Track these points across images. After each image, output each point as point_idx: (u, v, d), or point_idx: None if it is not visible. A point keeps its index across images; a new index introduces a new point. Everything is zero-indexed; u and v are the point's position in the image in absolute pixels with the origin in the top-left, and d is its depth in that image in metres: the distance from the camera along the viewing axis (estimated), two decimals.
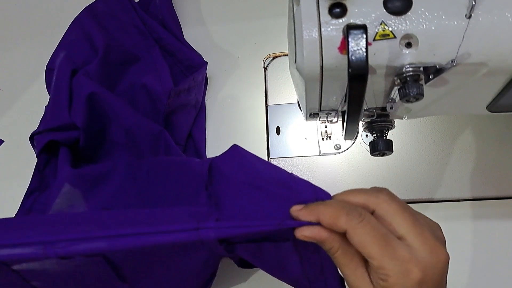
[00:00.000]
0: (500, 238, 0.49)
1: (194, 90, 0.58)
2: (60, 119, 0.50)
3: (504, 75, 0.32)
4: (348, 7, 0.30)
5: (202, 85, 0.60)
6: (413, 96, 0.30)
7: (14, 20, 0.68)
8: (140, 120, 0.52)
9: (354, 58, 0.28)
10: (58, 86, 0.53)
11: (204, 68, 0.58)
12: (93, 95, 0.51)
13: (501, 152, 0.53)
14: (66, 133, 0.50)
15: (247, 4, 0.65)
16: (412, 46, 0.30)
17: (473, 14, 0.29)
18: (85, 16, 0.60)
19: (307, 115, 0.40)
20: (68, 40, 0.60)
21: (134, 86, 0.56)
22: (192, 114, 0.59)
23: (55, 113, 0.51)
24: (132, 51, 0.59)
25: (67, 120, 0.50)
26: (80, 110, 0.50)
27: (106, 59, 0.56)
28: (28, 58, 0.65)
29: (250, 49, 0.61)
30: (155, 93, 0.55)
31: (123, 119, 0.52)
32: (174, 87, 0.54)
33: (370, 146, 0.40)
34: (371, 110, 0.38)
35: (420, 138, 0.53)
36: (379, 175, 0.53)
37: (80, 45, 0.59)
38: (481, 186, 0.51)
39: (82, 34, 0.59)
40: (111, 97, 0.52)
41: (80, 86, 0.52)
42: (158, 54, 0.58)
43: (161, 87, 0.55)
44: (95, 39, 0.57)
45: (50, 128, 0.50)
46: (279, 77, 0.59)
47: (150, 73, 0.57)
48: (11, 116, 0.62)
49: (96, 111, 0.52)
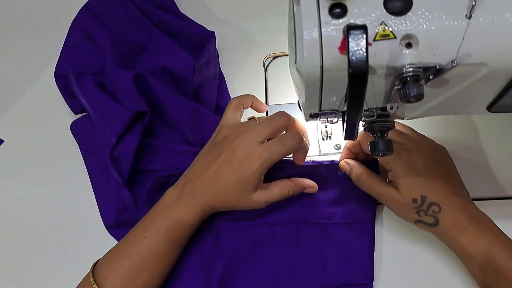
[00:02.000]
0: None
1: (211, 62, 0.58)
2: (121, 118, 0.50)
3: (504, 75, 0.32)
4: (348, 7, 0.30)
5: (215, 55, 0.60)
6: (413, 96, 0.30)
7: (14, 20, 0.68)
8: (179, 100, 0.53)
9: (354, 58, 0.28)
10: (95, 100, 0.53)
11: (212, 38, 0.58)
12: (137, 77, 0.52)
13: (501, 152, 0.53)
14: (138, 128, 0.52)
15: (247, 4, 0.65)
16: (412, 46, 0.30)
17: (473, 14, 0.29)
18: (83, 17, 0.59)
19: (307, 115, 0.40)
20: (72, 43, 0.60)
21: (153, 72, 0.56)
22: (215, 86, 0.59)
23: (114, 117, 0.51)
24: (137, 42, 0.58)
25: (129, 114, 0.50)
26: (134, 93, 0.51)
27: (116, 53, 0.56)
28: (28, 58, 0.65)
29: (250, 49, 0.61)
30: (177, 73, 0.55)
31: (166, 100, 0.53)
32: (194, 62, 0.54)
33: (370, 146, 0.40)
34: (371, 110, 0.38)
35: None
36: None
37: (86, 46, 0.59)
38: (481, 186, 0.51)
39: (84, 35, 0.59)
40: (150, 78, 0.53)
41: (119, 77, 0.53)
42: (163, 38, 0.58)
43: (180, 65, 0.55)
44: (98, 37, 0.57)
45: (120, 132, 0.50)
46: (279, 77, 0.59)
47: (163, 56, 0.57)
48: (11, 116, 0.62)
49: (143, 94, 0.53)
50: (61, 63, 0.59)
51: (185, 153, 0.53)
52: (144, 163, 0.53)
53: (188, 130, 0.54)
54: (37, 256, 0.54)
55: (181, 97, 0.53)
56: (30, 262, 0.54)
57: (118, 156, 0.51)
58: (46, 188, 0.57)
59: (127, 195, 0.51)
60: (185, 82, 0.55)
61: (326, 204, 0.51)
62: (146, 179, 0.52)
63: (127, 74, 0.52)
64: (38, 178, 0.58)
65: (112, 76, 0.54)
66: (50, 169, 0.58)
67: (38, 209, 0.56)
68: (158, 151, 0.53)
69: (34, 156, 0.59)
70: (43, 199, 0.56)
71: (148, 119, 0.52)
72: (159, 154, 0.53)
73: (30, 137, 0.60)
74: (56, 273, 0.53)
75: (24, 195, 0.57)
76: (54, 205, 0.56)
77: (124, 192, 0.51)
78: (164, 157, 0.53)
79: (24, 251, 0.54)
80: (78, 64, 0.58)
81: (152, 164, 0.53)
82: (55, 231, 0.55)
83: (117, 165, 0.51)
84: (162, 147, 0.53)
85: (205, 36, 0.58)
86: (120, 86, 0.53)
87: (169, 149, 0.53)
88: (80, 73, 0.56)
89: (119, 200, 0.52)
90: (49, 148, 0.59)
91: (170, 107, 0.53)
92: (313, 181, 0.50)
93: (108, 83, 0.54)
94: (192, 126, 0.53)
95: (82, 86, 0.54)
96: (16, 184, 0.58)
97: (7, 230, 0.56)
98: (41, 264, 0.53)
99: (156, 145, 0.53)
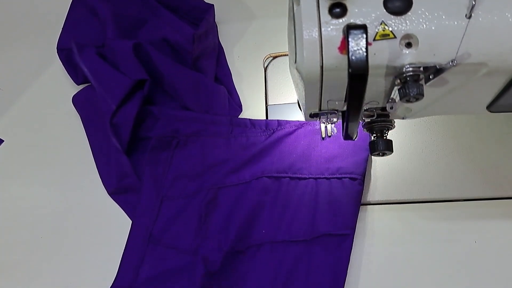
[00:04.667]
0: (500, 238, 0.49)
1: (211, 33, 0.59)
2: (122, 86, 0.51)
3: (504, 75, 0.32)
4: (348, 7, 0.30)
5: (214, 27, 0.61)
6: (413, 96, 0.30)
7: (13, 20, 0.68)
8: (179, 69, 0.54)
9: (354, 58, 0.28)
10: (97, 69, 0.54)
11: (212, 10, 0.59)
12: (137, 46, 0.53)
13: (501, 152, 0.53)
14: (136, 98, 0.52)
15: (247, 4, 0.65)
16: (412, 46, 0.30)
17: (473, 14, 0.29)
18: None
19: (307, 115, 0.40)
20: (74, 18, 0.61)
21: (153, 43, 0.57)
22: (214, 57, 0.59)
23: (115, 85, 0.52)
24: (137, 16, 0.59)
25: (129, 82, 0.51)
26: (134, 62, 0.52)
27: (117, 26, 0.57)
28: (28, 58, 0.65)
29: (250, 49, 0.61)
30: (177, 43, 0.56)
31: (165, 69, 0.54)
32: (194, 31, 0.54)
33: (370, 146, 0.40)
34: (371, 110, 0.38)
35: (420, 138, 0.53)
36: (379, 175, 0.53)
37: (88, 20, 0.60)
38: (481, 186, 0.51)
39: (86, 9, 0.60)
40: (150, 48, 0.54)
41: (120, 47, 0.54)
42: (163, 11, 0.59)
43: (180, 36, 0.56)
44: (100, 11, 0.58)
45: (120, 99, 0.51)
46: (279, 77, 0.59)
47: (163, 29, 0.58)
48: (11, 116, 0.62)
49: (143, 63, 0.54)
50: (63, 37, 0.61)
51: (185, 118, 0.54)
52: (144, 130, 0.54)
53: (188, 98, 0.55)
54: (37, 256, 0.54)
55: (181, 67, 0.54)
56: (30, 262, 0.54)
57: (118, 123, 0.52)
58: (46, 188, 0.57)
59: (126, 162, 0.52)
60: (185, 52, 0.56)
61: (320, 161, 0.52)
62: (146, 146, 0.54)
63: (127, 44, 0.53)
64: (38, 178, 0.58)
65: (112, 46, 0.54)
66: (50, 169, 0.58)
67: (38, 209, 0.56)
68: (158, 118, 0.55)
69: (34, 156, 0.59)
70: (43, 199, 0.56)
71: (148, 88, 0.53)
72: (159, 121, 0.55)
73: (30, 137, 0.60)
74: (56, 273, 0.53)
75: (24, 195, 0.57)
76: (54, 205, 0.56)
77: (124, 159, 0.52)
78: (164, 123, 0.54)
79: (24, 251, 0.54)
80: (80, 38, 0.59)
81: (152, 131, 0.54)
82: (55, 231, 0.55)
83: (117, 132, 0.52)
84: (161, 114, 0.55)
85: (204, 9, 0.59)
86: (120, 55, 0.54)
87: (169, 115, 0.54)
88: (82, 45, 0.56)
89: (119, 166, 0.53)
90: (49, 148, 0.59)
91: (170, 76, 0.54)
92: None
93: (108, 53, 0.55)
94: (192, 94, 0.55)
95: (84, 56, 0.55)
96: (16, 184, 0.58)
97: (7, 230, 0.56)
98: (41, 264, 0.53)
99: (155, 113, 0.55)
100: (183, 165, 0.54)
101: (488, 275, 0.48)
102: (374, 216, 0.52)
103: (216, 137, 0.55)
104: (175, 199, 0.53)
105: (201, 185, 0.53)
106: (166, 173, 0.54)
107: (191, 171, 0.54)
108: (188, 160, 0.54)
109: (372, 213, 0.52)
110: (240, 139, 0.54)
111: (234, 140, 0.55)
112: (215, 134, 0.55)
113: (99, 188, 0.56)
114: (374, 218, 0.52)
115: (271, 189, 0.52)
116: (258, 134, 0.55)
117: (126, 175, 0.53)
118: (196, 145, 0.55)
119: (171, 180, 0.54)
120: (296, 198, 0.51)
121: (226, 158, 0.54)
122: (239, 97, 0.59)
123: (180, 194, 0.53)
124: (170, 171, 0.54)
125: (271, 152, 0.53)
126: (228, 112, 0.57)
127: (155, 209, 0.52)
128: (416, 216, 0.51)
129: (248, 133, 0.55)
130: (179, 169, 0.54)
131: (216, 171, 0.53)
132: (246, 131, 0.55)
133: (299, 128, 0.53)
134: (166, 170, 0.54)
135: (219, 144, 0.55)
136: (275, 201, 0.51)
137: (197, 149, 0.55)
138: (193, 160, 0.54)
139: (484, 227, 0.50)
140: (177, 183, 0.54)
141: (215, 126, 0.55)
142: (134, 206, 0.53)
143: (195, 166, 0.54)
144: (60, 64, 0.61)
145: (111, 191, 0.55)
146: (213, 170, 0.54)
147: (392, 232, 0.51)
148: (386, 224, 0.51)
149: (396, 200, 0.52)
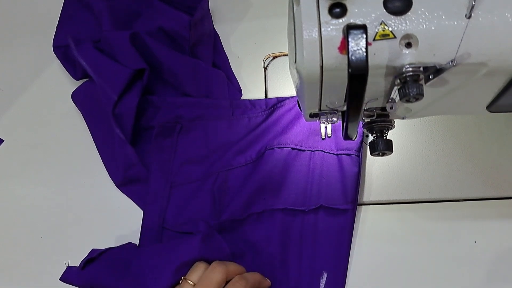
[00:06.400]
0: (500, 238, 0.50)
1: (206, 20, 0.59)
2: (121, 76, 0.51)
3: (504, 75, 0.32)
4: (348, 7, 0.30)
5: (209, 13, 0.61)
6: (413, 96, 0.30)
7: (13, 19, 0.68)
8: (176, 56, 0.54)
9: (354, 58, 0.28)
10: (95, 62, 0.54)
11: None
12: (134, 36, 0.53)
13: (501, 152, 0.53)
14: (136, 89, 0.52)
15: (247, 4, 0.65)
16: (412, 46, 0.30)
17: (473, 14, 0.29)
18: None
19: (307, 115, 0.40)
20: (69, 14, 0.61)
21: (150, 33, 0.57)
22: (211, 43, 0.60)
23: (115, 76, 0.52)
24: (132, 8, 0.59)
25: (128, 72, 0.51)
26: (131, 52, 0.52)
27: (112, 17, 0.57)
28: (28, 58, 0.65)
29: (250, 49, 0.61)
30: (174, 31, 0.56)
31: (163, 57, 0.54)
32: (190, 18, 0.54)
33: (370, 146, 0.40)
34: (371, 110, 0.38)
35: (420, 138, 0.53)
36: (379, 175, 0.53)
37: (83, 16, 0.60)
38: (481, 186, 0.51)
39: (80, 5, 0.60)
40: (147, 37, 0.54)
41: (116, 38, 0.54)
42: (157, 2, 0.59)
43: (176, 23, 0.56)
44: (94, 5, 0.58)
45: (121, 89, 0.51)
46: (279, 77, 0.59)
47: (159, 18, 0.58)
48: (11, 116, 0.62)
49: (140, 53, 0.54)
50: (59, 34, 0.60)
51: (186, 104, 0.55)
52: (146, 120, 0.55)
53: (188, 84, 0.55)
54: (37, 256, 0.54)
55: (179, 54, 0.54)
56: (30, 262, 0.54)
57: (120, 114, 0.52)
58: (47, 188, 0.57)
59: (131, 152, 0.52)
60: (182, 39, 0.56)
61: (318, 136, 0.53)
62: (149, 136, 0.54)
63: (124, 34, 0.53)
64: (38, 178, 0.58)
65: (108, 37, 0.54)
66: (50, 169, 0.58)
67: (38, 209, 0.56)
68: (159, 107, 0.55)
69: (34, 156, 0.59)
70: (43, 198, 0.56)
71: (147, 77, 0.53)
72: (161, 110, 0.55)
73: (30, 137, 0.60)
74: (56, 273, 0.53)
75: (24, 195, 0.57)
76: (54, 205, 0.56)
77: (128, 149, 0.52)
78: (165, 111, 0.55)
79: (24, 251, 0.54)
80: (76, 34, 0.58)
81: (154, 120, 0.55)
82: (55, 231, 0.55)
83: (120, 122, 0.52)
84: (162, 102, 0.55)
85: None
86: (117, 46, 0.54)
87: (170, 103, 0.55)
88: (79, 39, 0.56)
89: (124, 157, 0.53)
90: (49, 148, 0.59)
91: (168, 64, 0.54)
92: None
93: (105, 45, 0.55)
94: (191, 80, 0.55)
95: (82, 50, 0.55)
96: (16, 184, 0.58)
97: (7, 230, 0.56)
98: (41, 264, 0.53)
99: (156, 102, 0.55)
100: (188, 150, 0.55)
101: (488, 275, 0.48)
102: (374, 216, 0.52)
103: (218, 120, 0.55)
104: (184, 184, 0.54)
105: (208, 169, 0.54)
106: (172, 159, 0.55)
107: (196, 156, 0.55)
108: (193, 145, 0.55)
109: (372, 213, 0.52)
110: (242, 121, 0.55)
111: (236, 121, 0.55)
112: (217, 117, 0.55)
113: (100, 187, 0.56)
114: (374, 218, 0.52)
115: (273, 159, 0.52)
116: (259, 113, 0.55)
117: (132, 165, 0.54)
118: (199, 129, 0.55)
119: (178, 166, 0.55)
120: (296, 168, 0.52)
121: (229, 140, 0.55)
122: (238, 82, 0.59)
123: (188, 179, 0.54)
124: (176, 157, 0.55)
125: (273, 129, 0.54)
126: (228, 96, 0.57)
127: (164, 196, 0.53)
128: (416, 216, 0.51)
129: (249, 113, 0.55)
130: (185, 154, 0.55)
131: (222, 154, 0.54)
132: (247, 112, 0.56)
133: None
134: (172, 156, 0.55)
135: (221, 127, 0.55)
136: (275, 170, 0.52)
137: (200, 133, 0.55)
138: (198, 144, 0.55)
139: (484, 227, 0.50)
140: (184, 168, 0.54)
141: (216, 109, 0.56)
142: (143, 196, 0.54)
143: (200, 150, 0.55)
144: (60, 63, 0.61)
145: (118, 183, 0.55)
146: (218, 153, 0.54)
147: (392, 232, 0.51)
148: (386, 224, 0.51)
149: (396, 200, 0.52)
